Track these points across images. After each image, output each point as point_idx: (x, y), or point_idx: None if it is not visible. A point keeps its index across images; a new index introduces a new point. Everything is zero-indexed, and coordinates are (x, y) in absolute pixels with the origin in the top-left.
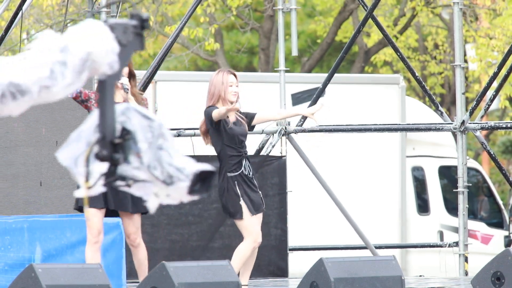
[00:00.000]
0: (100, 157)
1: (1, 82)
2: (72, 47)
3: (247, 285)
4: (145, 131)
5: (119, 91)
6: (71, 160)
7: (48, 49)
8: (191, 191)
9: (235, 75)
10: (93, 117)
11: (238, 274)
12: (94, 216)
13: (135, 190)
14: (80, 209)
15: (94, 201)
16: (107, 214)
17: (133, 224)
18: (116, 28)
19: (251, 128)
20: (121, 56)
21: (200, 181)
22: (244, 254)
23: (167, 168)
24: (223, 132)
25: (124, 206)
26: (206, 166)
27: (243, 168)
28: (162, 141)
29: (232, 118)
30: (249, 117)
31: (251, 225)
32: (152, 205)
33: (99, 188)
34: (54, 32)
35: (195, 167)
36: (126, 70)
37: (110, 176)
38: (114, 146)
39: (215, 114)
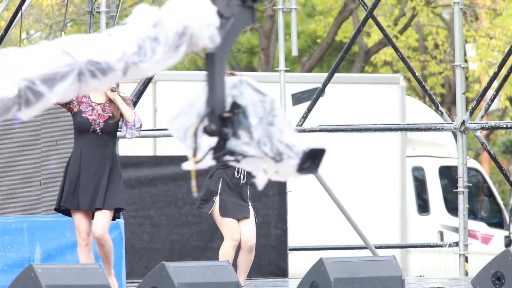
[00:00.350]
0: (208, 131)
1: (79, 60)
2: (167, 21)
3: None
4: (257, 106)
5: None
6: (181, 132)
7: (139, 24)
8: (300, 169)
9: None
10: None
11: None
12: (79, 219)
13: (244, 165)
14: (58, 210)
15: (68, 202)
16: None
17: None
18: (218, 1)
19: None
20: (226, 29)
21: (310, 159)
22: (225, 254)
23: (277, 145)
24: None
25: (97, 204)
26: (317, 144)
27: (235, 170)
28: (273, 117)
29: None
30: None
31: (225, 223)
32: (260, 182)
33: (208, 162)
34: (149, 7)
35: (305, 144)
36: None
37: (219, 150)
38: (224, 120)
39: None
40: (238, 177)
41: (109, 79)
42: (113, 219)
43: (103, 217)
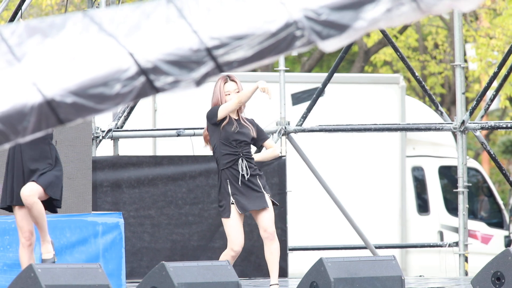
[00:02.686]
0: None
1: None
2: None
3: (277, 283)
4: None
5: None
6: None
7: None
8: None
9: (235, 81)
10: None
11: None
12: (19, 217)
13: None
14: (7, 208)
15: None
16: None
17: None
18: None
19: (255, 144)
20: None
21: None
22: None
23: None
24: (220, 130)
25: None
26: None
27: (239, 167)
28: None
29: (234, 116)
30: (259, 136)
31: (232, 231)
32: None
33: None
34: None
35: None
36: None
37: None
38: None
39: (243, 95)
40: (242, 173)
41: None
42: (53, 211)
43: (31, 183)
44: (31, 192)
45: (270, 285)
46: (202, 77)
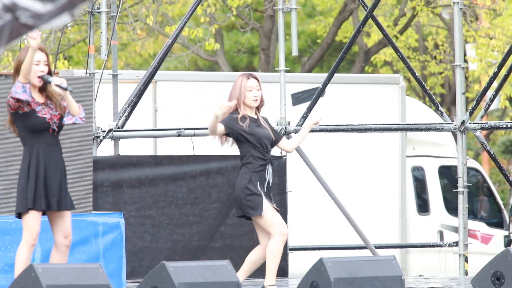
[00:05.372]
0: None
1: None
2: None
3: (275, 284)
4: None
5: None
6: None
7: None
8: None
9: (257, 79)
10: None
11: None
12: (35, 220)
13: None
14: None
15: (37, 204)
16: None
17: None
18: None
19: (272, 144)
20: None
21: None
22: (277, 250)
23: None
24: (247, 136)
25: (64, 205)
26: None
27: (266, 172)
28: None
29: (252, 114)
30: (276, 136)
31: (272, 219)
32: None
33: None
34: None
35: None
36: (47, 69)
37: None
38: None
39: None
40: (268, 179)
41: None
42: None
43: (69, 219)
44: (71, 234)
45: (270, 286)
46: (66, 7)
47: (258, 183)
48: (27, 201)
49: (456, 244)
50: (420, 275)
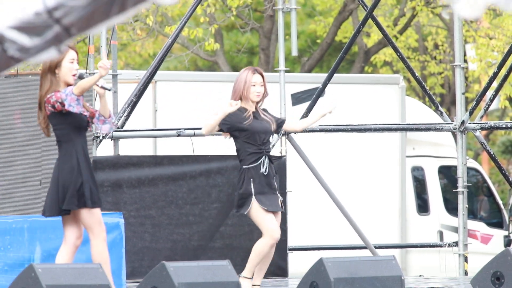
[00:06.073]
0: None
1: None
2: None
3: (259, 285)
4: None
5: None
6: None
7: None
8: None
9: (261, 75)
10: None
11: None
12: (100, 214)
13: None
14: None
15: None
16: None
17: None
18: None
19: (276, 131)
20: None
21: None
22: (261, 250)
23: None
24: (242, 130)
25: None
26: None
27: (260, 165)
28: None
29: (252, 108)
30: (278, 122)
31: (265, 220)
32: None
33: None
34: None
35: None
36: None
37: None
38: None
39: (205, 129)
40: (266, 173)
41: None
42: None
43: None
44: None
45: (254, 285)
46: (53, 42)
47: (251, 180)
48: (85, 199)
49: (456, 244)
50: (420, 275)
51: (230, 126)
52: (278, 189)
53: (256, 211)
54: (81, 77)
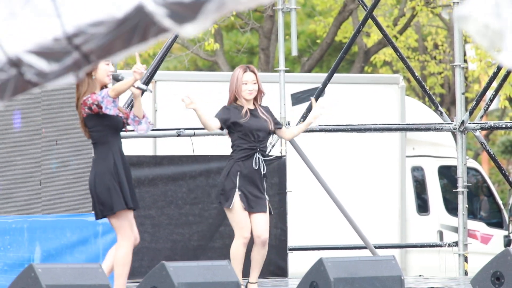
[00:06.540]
0: None
1: None
2: None
3: (255, 282)
4: None
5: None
6: None
7: None
8: None
9: (254, 72)
10: None
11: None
12: (132, 218)
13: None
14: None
15: (128, 202)
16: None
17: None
18: None
19: (273, 132)
20: None
21: None
22: (234, 252)
23: None
24: (238, 125)
25: (136, 203)
26: None
27: (253, 162)
28: None
29: (250, 106)
30: (275, 125)
31: (238, 219)
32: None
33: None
34: None
35: None
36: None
37: None
38: None
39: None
40: (257, 168)
41: None
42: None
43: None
44: None
45: (250, 283)
46: (72, 68)
47: (238, 173)
48: (126, 200)
49: (456, 244)
50: (420, 275)
51: (227, 119)
52: (265, 190)
53: (233, 207)
54: (115, 78)
